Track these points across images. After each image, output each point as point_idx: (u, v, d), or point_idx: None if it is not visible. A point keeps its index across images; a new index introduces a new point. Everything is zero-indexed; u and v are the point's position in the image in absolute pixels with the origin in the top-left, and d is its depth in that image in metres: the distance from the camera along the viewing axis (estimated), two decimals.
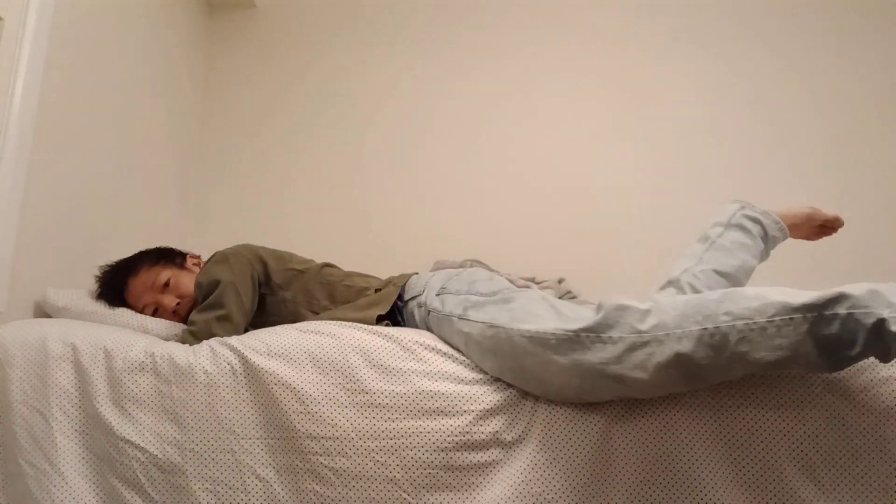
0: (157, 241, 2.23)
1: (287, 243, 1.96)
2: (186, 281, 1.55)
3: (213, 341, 1.24)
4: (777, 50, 2.40)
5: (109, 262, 1.60)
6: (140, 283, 1.52)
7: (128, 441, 1.15)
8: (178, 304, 1.50)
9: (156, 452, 1.14)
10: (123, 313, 1.47)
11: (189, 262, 1.64)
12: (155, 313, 1.51)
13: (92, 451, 1.16)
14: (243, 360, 1.18)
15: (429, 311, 1.31)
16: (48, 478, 1.13)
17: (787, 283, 1.04)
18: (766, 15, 2.43)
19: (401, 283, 1.46)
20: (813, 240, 1.60)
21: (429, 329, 1.31)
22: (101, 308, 1.48)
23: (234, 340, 1.23)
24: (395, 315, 1.42)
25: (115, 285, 1.53)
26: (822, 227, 1.57)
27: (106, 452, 1.16)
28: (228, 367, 1.18)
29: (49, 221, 1.62)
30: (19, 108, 1.47)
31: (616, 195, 2.36)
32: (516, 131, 2.46)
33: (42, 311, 1.53)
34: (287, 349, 1.19)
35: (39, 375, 1.20)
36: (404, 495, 1.09)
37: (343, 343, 1.19)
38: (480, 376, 1.15)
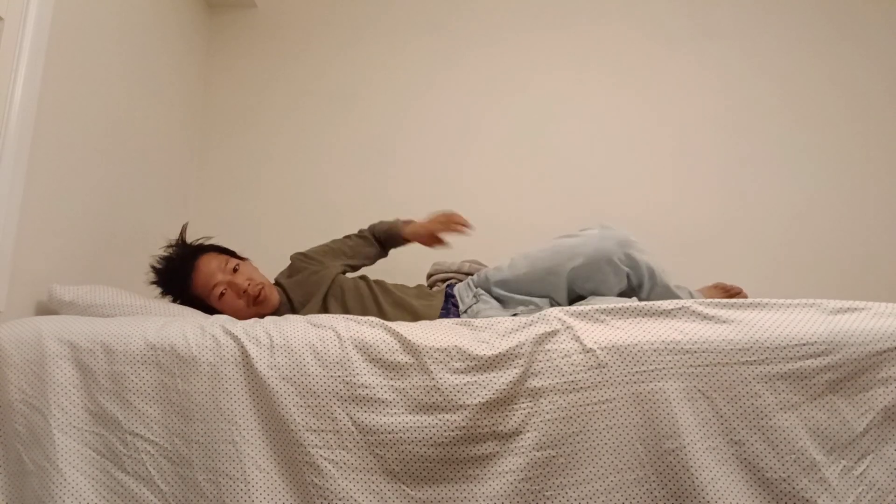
0: (157, 241, 2.24)
1: (287, 242, 1.97)
2: (251, 269, 1.70)
3: (217, 330, 1.24)
4: (796, 41, 2.40)
5: (163, 254, 1.69)
6: (211, 262, 1.63)
7: (137, 434, 1.16)
8: (248, 284, 1.61)
9: (165, 444, 1.15)
10: (132, 308, 1.48)
11: (246, 260, 1.75)
12: (222, 297, 1.60)
13: (92, 448, 1.16)
14: (245, 351, 1.19)
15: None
16: (48, 475, 1.13)
17: None
18: (783, 4, 2.43)
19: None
20: None
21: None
22: (108, 302, 1.49)
23: (239, 331, 1.23)
24: None
25: (183, 263, 1.62)
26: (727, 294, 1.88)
27: (110, 447, 1.16)
28: (231, 358, 1.19)
29: (49, 221, 1.62)
30: (19, 108, 1.47)
31: (619, 192, 2.36)
32: (518, 128, 2.46)
33: (44, 310, 1.53)
34: (289, 341, 1.20)
35: (37, 373, 1.19)
36: (404, 488, 1.09)
37: (343, 337, 1.20)
38: (479, 369, 1.14)
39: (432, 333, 1.20)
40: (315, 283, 1.70)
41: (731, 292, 1.88)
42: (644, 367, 1.11)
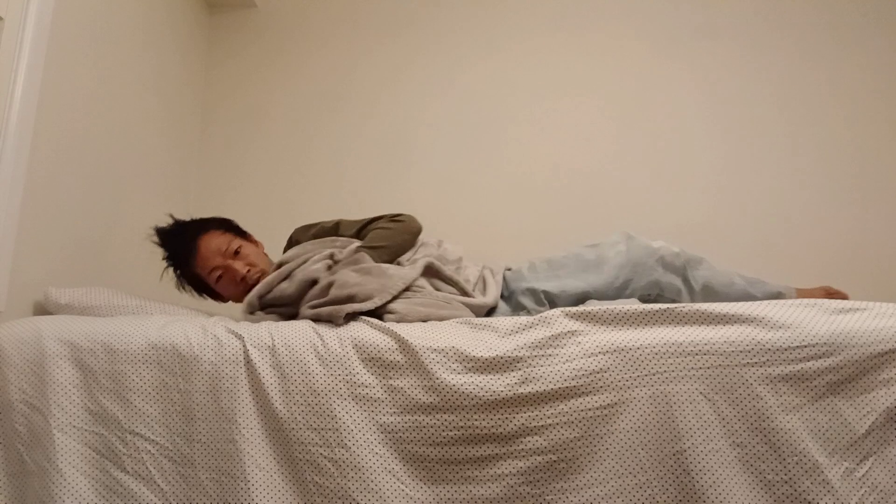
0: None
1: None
2: (254, 252, 1.59)
3: (219, 329, 1.24)
4: (794, 45, 2.39)
5: (167, 224, 1.61)
6: (213, 243, 1.54)
7: (137, 434, 1.16)
8: (248, 270, 1.53)
9: (166, 444, 1.15)
10: (128, 309, 1.47)
11: (252, 239, 1.65)
12: (219, 281, 1.54)
13: (91, 447, 1.16)
14: (246, 350, 1.19)
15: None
16: (48, 475, 1.13)
17: None
18: (772, 6, 2.42)
19: None
20: None
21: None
22: (104, 303, 1.48)
23: (241, 330, 1.23)
24: None
25: (185, 243, 1.54)
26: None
27: (111, 447, 1.16)
28: (232, 358, 1.19)
29: (49, 221, 1.61)
30: (19, 108, 1.47)
31: (615, 193, 2.36)
32: (514, 128, 2.46)
33: (43, 311, 1.53)
34: (290, 341, 1.20)
35: (37, 373, 1.20)
36: (403, 487, 1.09)
37: (344, 337, 1.20)
38: (477, 370, 1.14)
39: (431, 333, 1.19)
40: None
41: (835, 297, 1.69)
42: (646, 370, 1.10)
